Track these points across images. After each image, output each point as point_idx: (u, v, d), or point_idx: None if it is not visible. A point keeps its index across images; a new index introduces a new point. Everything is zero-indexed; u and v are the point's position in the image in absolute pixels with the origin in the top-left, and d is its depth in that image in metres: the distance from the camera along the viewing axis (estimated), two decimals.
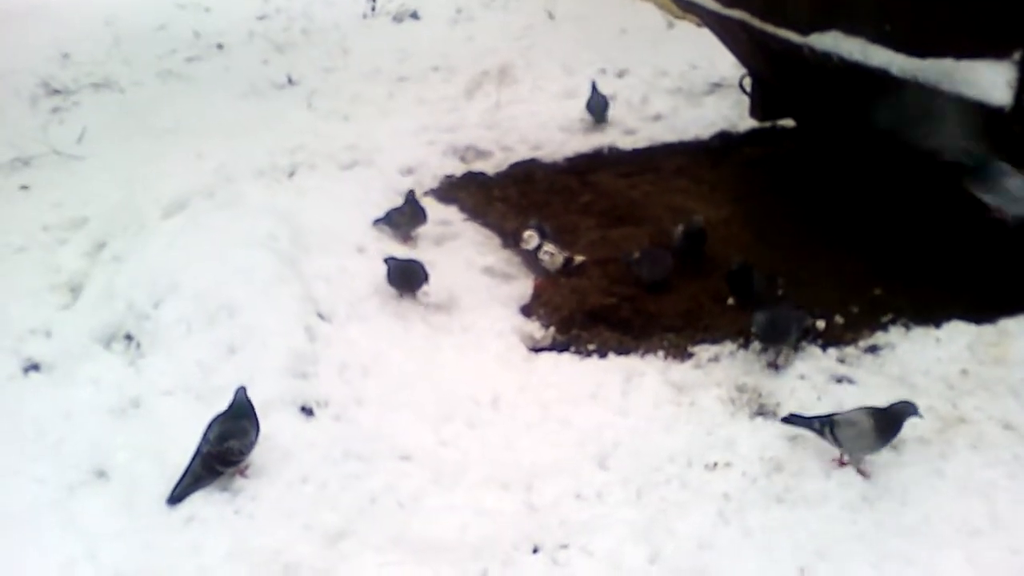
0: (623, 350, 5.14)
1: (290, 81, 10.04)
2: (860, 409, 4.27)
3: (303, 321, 5.15)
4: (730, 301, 5.53)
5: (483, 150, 7.90)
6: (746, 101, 7.77)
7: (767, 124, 7.85)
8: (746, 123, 8.10)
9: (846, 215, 6.47)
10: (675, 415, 4.72)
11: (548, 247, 5.82)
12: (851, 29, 5.45)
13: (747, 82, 7.59)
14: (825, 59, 5.62)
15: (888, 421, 4.18)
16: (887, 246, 6.05)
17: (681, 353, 5.07)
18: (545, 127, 8.30)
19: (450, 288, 5.64)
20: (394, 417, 4.70)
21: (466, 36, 11.21)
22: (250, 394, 4.37)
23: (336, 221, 6.41)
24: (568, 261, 5.86)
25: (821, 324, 5.29)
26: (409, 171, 7.56)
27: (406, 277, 5.55)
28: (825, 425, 4.27)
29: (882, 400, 4.48)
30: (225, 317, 5.12)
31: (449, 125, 8.39)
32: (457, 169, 7.62)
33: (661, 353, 5.08)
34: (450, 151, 7.90)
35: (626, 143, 8.01)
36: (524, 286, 5.81)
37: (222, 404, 4.38)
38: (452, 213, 6.90)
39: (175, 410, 4.72)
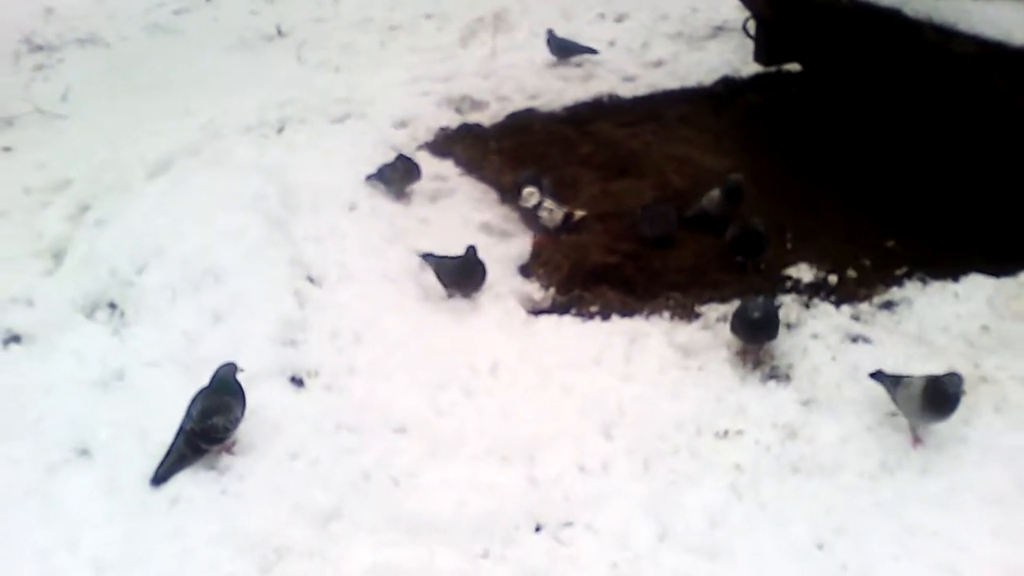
0: (627, 312, 4.82)
1: (279, 32, 9.62)
2: (922, 376, 3.93)
3: (292, 286, 4.85)
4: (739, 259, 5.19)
5: (479, 100, 7.52)
6: (750, 45, 7.38)
7: (772, 68, 7.45)
8: (750, 68, 7.69)
9: (856, 165, 6.13)
10: (682, 380, 4.43)
11: (547, 203, 5.46)
12: None
13: (751, 25, 7.19)
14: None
15: (937, 391, 3.81)
16: (900, 197, 5.72)
17: (688, 313, 4.76)
18: (542, 75, 7.91)
19: (446, 248, 5.31)
20: (387, 386, 4.40)
21: None
22: (238, 364, 4.08)
23: (327, 178, 6.07)
24: (568, 217, 5.49)
25: (833, 279, 4.96)
26: (402, 124, 7.19)
27: (463, 275, 4.99)
28: (893, 385, 3.98)
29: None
30: (211, 283, 4.81)
31: (444, 75, 7.99)
32: (452, 120, 7.24)
33: (667, 314, 4.76)
34: (445, 102, 7.51)
35: (626, 91, 7.61)
36: (523, 244, 5.47)
37: (209, 375, 4.08)
38: (447, 168, 6.55)
39: (160, 382, 4.44)
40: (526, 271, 5.25)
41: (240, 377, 4.08)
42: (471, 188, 6.21)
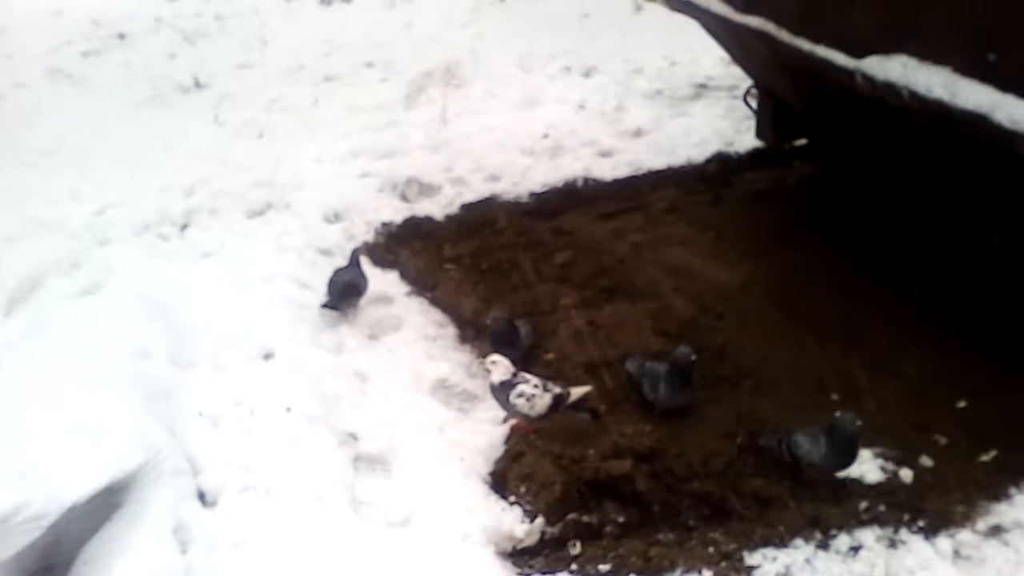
0: (649, 571, 3.23)
1: (197, 84, 8.10)
2: None
3: (172, 512, 3.32)
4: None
5: (428, 184, 6.05)
6: (739, 107, 6.03)
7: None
8: (744, 138, 6.35)
9: (893, 273, 4.79)
10: None
11: (523, 386, 3.73)
12: (929, 55, 3.71)
13: (752, 95, 5.81)
14: (886, 91, 3.88)
15: None
16: (957, 323, 4.38)
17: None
18: (503, 148, 6.46)
19: (389, 426, 3.86)
20: None
21: (404, 22, 9.32)
22: None
23: (236, 308, 4.59)
24: (558, 400, 3.77)
25: (907, 475, 3.62)
26: (336, 216, 5.72)
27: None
28: None
29: None
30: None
31: (386, 147, 6.52)
32: (397, 211, 5.78)
33: (709, 573, 3.24)
34: (388, 186, 6.04)
35: (603, 169, 6.19)
36: (492, 418, 3.98)
37: None
38: (392, 283, 5.10)
39: None
40: (500, 483, 3.67)
41: None
42: (422, 318, 4.75)
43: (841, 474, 3.59)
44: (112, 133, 7.15)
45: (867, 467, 3.67)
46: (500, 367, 3.76)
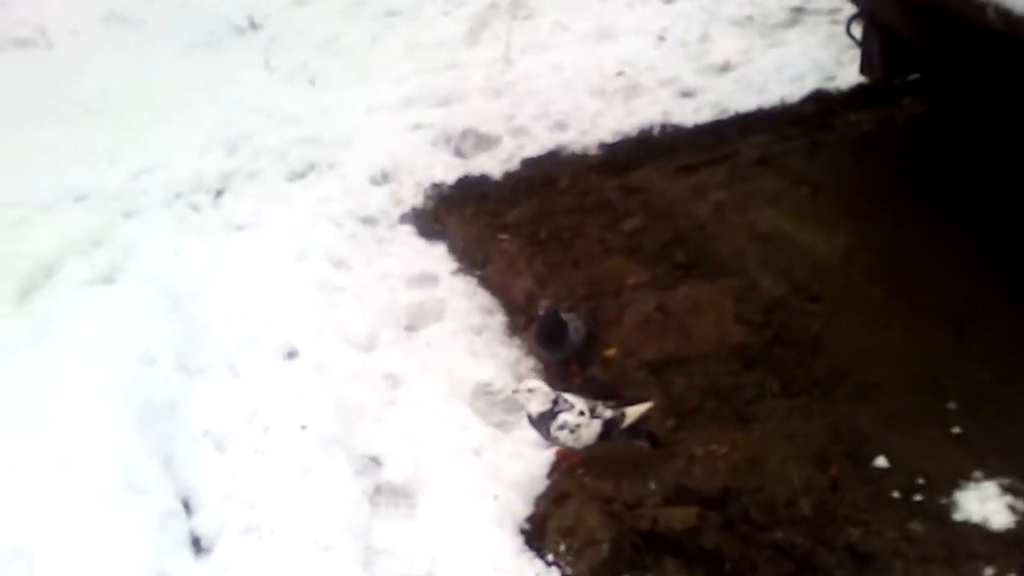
0: None
1: (252, 25, 7.51)
2: None
3: (155, 565, 2.82)
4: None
5: (486, 135, 5.36)
6: (841, 33, 5.08)
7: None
8: (847, 72, 5.43)
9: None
10: None
11: (566, 415, 3.02)
12: None
13: (856, 24, 4.88)
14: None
15: None
16: None
17: None
18: (571, 89, 5.70)
19: (417, 446, 3.29)
20: None
21: None
22: None
23: (260, 295, 4.06)
24: (610, 426, 3.06)
25: None
26: (384, 177, 5.12)
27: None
28: None
29: None
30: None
31: (444, 93, 5.85)
32: (450, 170, 5.13)
33: None
34: (442, 139, 5.39)
35: (684, 113, 5.39)
36: (535, 439, 3.30)
37: None
38: (437, 259, 4.49)
39: None
40: (538, 535, 2.99)
41: None
42: (467, 303, 4.13)
43: (959, 517, 2.86)
44: (159, 81, 6.66)
45: (992, 506, 2.92)
46: (538, 396, 3.08)
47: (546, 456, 3.27)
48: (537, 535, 2.98)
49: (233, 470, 3.19)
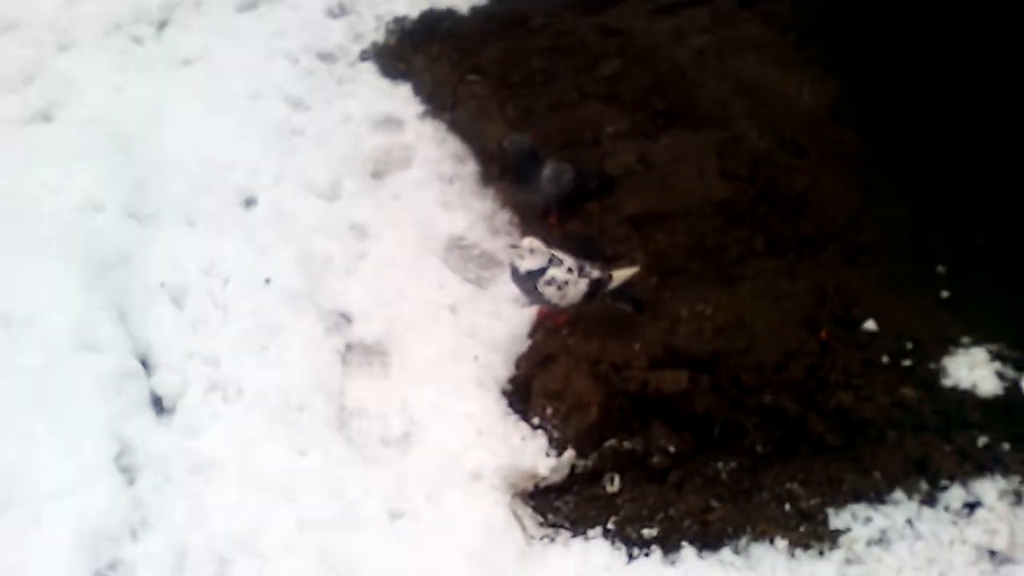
0: (707, 543, 2.52)
1: None
2: None
3: (114, 429, 2.64)
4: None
5: None
6: None
7: None
8: None
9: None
10: None
11: (555, 271, 2.85)
12: None
13: None
14: None
15: None
16: None
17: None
18: None
19: (389, 303, 3.11)
20: None
21: None
22: None
23: (214, 137, 3.76)
24: (597, 285, 2.91)
25: None
26: (340, 8, 4.72)
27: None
28: None
29: None
30: None
31: None
32: (413, 3, 4.75)
33: (781, 542, 2.51)
34: None
35: None
36: (515, 295, 3.14)
37: None
38: (403, 99, 4.21)
39: None
40: (522, 398, 2.88)
41: None
42: (437, 150, 3.88)
43: (948, 383, 2.79)
44: None
45: (980, 373, 2.85)
46: (536, 255, 2.88)
47: (527, 315, 3.11)
48: (520, 398, 2.86)
49: (193, 326, 2.98)
